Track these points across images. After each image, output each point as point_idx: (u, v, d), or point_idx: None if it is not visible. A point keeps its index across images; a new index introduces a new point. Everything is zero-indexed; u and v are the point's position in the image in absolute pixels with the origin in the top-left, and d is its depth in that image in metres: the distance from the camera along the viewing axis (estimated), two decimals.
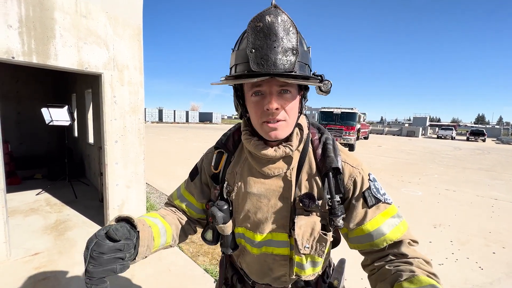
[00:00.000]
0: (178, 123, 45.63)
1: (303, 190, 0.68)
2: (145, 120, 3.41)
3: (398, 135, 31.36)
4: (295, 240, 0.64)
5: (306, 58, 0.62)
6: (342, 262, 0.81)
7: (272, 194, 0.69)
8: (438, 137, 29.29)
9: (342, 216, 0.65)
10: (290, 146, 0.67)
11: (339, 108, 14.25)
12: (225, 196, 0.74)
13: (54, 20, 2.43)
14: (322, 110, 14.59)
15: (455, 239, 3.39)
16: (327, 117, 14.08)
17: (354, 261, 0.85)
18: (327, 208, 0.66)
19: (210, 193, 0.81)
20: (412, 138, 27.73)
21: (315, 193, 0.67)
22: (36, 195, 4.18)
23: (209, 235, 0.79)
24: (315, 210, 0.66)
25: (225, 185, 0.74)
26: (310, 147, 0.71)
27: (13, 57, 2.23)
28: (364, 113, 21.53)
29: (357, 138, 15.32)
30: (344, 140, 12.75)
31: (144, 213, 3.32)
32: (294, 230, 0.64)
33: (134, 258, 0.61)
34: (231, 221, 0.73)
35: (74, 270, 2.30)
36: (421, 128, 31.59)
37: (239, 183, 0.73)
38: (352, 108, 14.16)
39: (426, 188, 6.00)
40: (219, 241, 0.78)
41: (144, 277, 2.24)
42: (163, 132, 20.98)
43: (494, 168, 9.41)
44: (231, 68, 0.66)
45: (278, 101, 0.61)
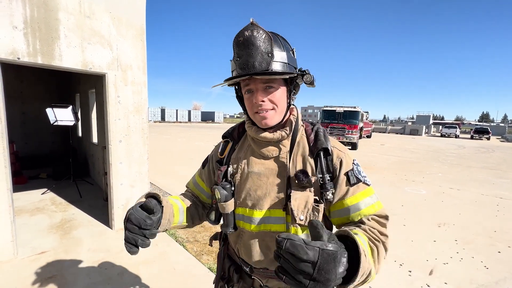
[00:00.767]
0: (180, 122, 45.75)
1: (298, 169, 0.78)
2: (148, 120, 3.45)
3: (401, 134, 31.16)
4: (291, 211, 0.73)
5: (284, 58, 0.74)
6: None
7: (270, 173, 0.80)
8: (441, 136, 29.05)
9: (332, 190, 0.75)
10: (285, 131, 0.80)
11: (342, 106, 14.18)
12: (229, 177, 0.85)
13: (58, 21, 2.44)
14: (325, 108, 14.54)
15: (460, 238, 3.37)
16: (329, 115, 14.03)
17: None
18: (319, 184, 0.76)
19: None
20: (416, 136, 27.54)
21: (308, 171, 0.77)
22: (42, 194, 4.22)
23: (212, 215, 0.89)
24: (308, 186, 0.75)
25: (230, 168, 0.85)
26: (304, 134, 0.84)
27: (18, 58, 2.25)
28: (367, 112, 21.42)
29: (360, 137, 15.26)
30: (346, 139, 12.68)
31: None
32: (290, 202, 0.74)
33: (157, 228, 0.76)
34: (232, 200, 0.82)
35: (80, 268, 2.32)
36: (424, 127, 31.36)
37: (243, 165, 0.84)
38: (354, 107, 14.10)
39: (430, 187, 5.96)
40: (221, 222, 0.87)
41: (149, 276, 2.26)
42: (165, 132, 21.06)
43: (499, 166, 9.32)
44: (231, 73, 0.80)
45: (264, 95, 0.75)
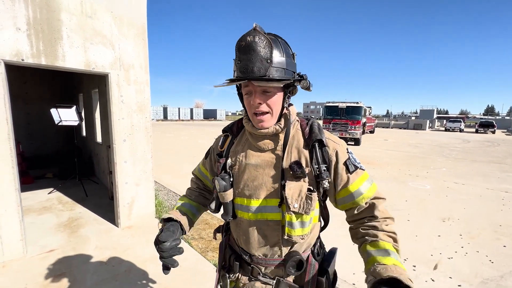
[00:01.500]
0: (182, 120, 45.87)
1: (292, 160, 0.83)
2: (150, 118, 3.46)
3: (404, 129, 30.91)
4: (286, 199, 0.78)
5: (283, 64, 0.78)
6: (334, 249, 0.95)
7: (266, 164, 0.85)
8: (446, 130, 28.76)
9: (328, 179, 0.81)
10: (279, 125, 0.85)
11: (344, 102, 14.09)
12: (227, 169, 0.90)
13: (60, 22, 2.46)
14: (327, 104, 14.46)
15: (465, 232, 3.36)
16: (332, 111, 13.95)
17: (349, 255, 0.86)
18: (315, 174, 0.81)
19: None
20: (419, 131, 27.30)
21: (303, 162, 0.82)
22: (48, 193, 4.29)
23: (213, 204, 0.93)
24: (302, 176, 0.80)
25: (228, 160, 0.91)
26: (299, 129, 0.89)
27: (22, 60, 2.27)
28: (370, 107, 21.24)
29: (363, 132, 15.17)
30: (349, 135, 12.62)
31: (153, 209, 3.40)
32: (284, 191, 0.79)
33: (185, 233, 0.96)
34: (231, 190, 0.88)
35: (88, 266, 2.37)
36: (428, 121, 31.04)
37: (240, 158, 0.90)
38: (357, 102, 13.98)
39: (434, 181, 5.93)
40: (222, 211, 0.93)
41: (156, 272, 2.29)
42: (168, 130, 21.15)
43: (504, 160, 9.23)
44: (233, 73, 0.84)
45: (261, 97, 0.79)
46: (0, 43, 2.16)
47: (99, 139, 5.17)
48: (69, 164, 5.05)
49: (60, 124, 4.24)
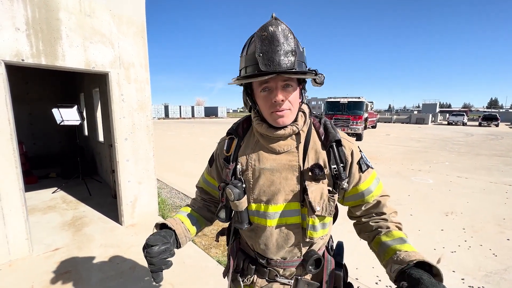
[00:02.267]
0: (184, 118, 45.90)
1: (311, 162, 0.80)
2: (152, 117, 3.46)
3: (407, 123, 30.72)
4: (309, 203, 0.75)
5: (302, 57, 0.74)
6: (340, 242, 0.96)
7: (283, 168, 0.80)
8: (448, 124, 28.55)
9: (347, 179, 0.80)
10: (296, 125, 0.80)
11: (346, 97, 14.00)
12: (238, 175, 0.84)
13: (59, 21, 2.45)
14: (328, 100, 14.38)
15: (468, 226, 3.35)
16: (333, 107, 13.87)
17: (365, 251, 0.87)
18: (333, 174, 0.80)
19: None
20: (422, 125, 27.12)
21: (321, 163, 0.80)
22: (52, 193, 4.32)
23: (222, 214, 0.89)
24: (323, 178, 0.78)
25: (238, 166, 0.84)
26: (313, 128, 0.85)
27: (23, 60, 2.27)
28: (372, 102, 21.10)
29: (365, 128, 15.08)
30: (351, 130, 12.56)
31: (156, 207, 3.41)
32: (307, 195, 0.75)
33: (180, 246, 0.86)
34: (245, 197, 0.82)
35: (93, 264, 2.39)
36: (430, 115, 30.80)
37: (253, 162, 0.83)
38: (359, 97, 13.89)
39: (437, 176, 5.90)
40: (233, 219, 0.89)
41: None
42: (170, 128, 21.18)
43: (508, 153, 9.15)
44: (240, 70, 0.79)
45: (283, 93, 0.74)
46: None
47: (101, 138, 5.19)
48: (72, 163, 5.08)
49: (62, 124, 4.25)
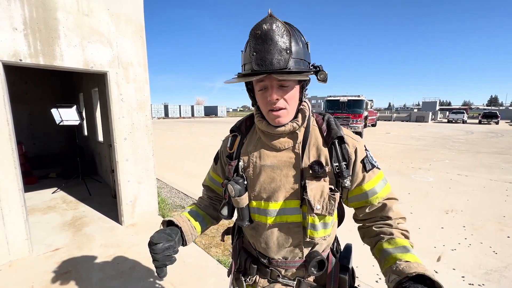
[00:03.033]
0: (184, 117, 45.88)
1: (311, 159, 0.78)
2: (151, 116, 3.45)
3: (407, 121, 30.69)
4: (308, 201, 0.73)
5: (301, 54, 0.72)
6: (349, 245, 0.92)
7: (283, 165, 0.80)
8: (448, 122, 28.52)
9: (349, 177, 0.77)
10: (296, 122, 0.79)
11: (346, 96, 13.98)
12: (240, 172, 0.84)
13: (57, 20, 2.44)
14: (328, 98, 14.37)
15: (468, 224, 3.35)
16: (333, 105, 13.86)
17: (365, 250, 0.86)
18: (335, 172, 0.77)
19: None
20: (422, 123, 27.09)
21: (322, 161, 0.78)
22: (52, 193, 4.32)
23: (225, 211, 0.88)
24: (323, 176, 0.76)
25: (240, 163, 0.84)
26: (316, 124, 0.83)
27: (20, 60, 2.26)
28: (371, 100, 21.08)
29: (365, 126, 15.07)
30: (351, 129, 12.54)
31: (156, 206, 3.41)
32: (306, 192, 0.74)
33: (186, 244, 0.86)
34: (246, 194, 0.82)
35: (94, 264, 2.39)
36: (430, 113, 30.77)
37: (254, 159, 0.83)
38: (358, 95, 13.87)
39: (437, 174, 5.90)
40: (235, 216, 0.89)
41: None
42: (170, 128, 21.17)
43: (508, 151, 9.14)
44: (242, 66, 0.78)
45: (278, 93, 0.73)
46: None
47: (100, 138, 5.19)
48: (72, 163, 5.08)
49: (61, 124, 4.25)
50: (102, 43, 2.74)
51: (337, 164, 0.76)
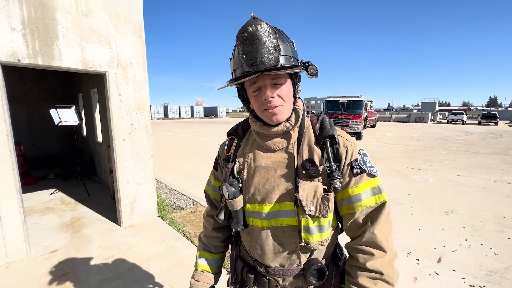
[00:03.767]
0: (183, 118, 45.86)
1: (304, 159, 0.77)
2: (151, 117, 3.43)
3: (406, 122, 30.73)
4: (300, 201, 0.72)
5: (289, 51, 0.73)
6: None
7: (277, 165, 0.79)
8: (448, 122, 28.57)
9: (340, 179, 0.73)
10: (290, 122, 0.78)
11: (345, 96, 14.00)
12: (235, 174, 0.83)
13: (56, 21, 2.42)
14: (328, 99, 14.38)
15: (468, 225, 3.34)
16: (333, 106, 13.87)
17: None
18: (327, 173, 0.75)
19: None
20: (421, 124, 27.13)
21: (316, 160, 0.76)
22: (51, 194, 4.30)
23: (222, 215, 0.87)
24: (316, 175, 0.74)
25: (236, 165, 0.84)
26: (310, 125, 0.83)
27: (19, 60, 2.25)
28: (371, 101, 21.11)
29: (364, 127, 15.09)
30: (351, 129, 12.55)
31: (155, 207, 3.39)
32: (298, 193, 0.72)
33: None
34: (241, 196, 0.81)
35: (92, 265, 2.38)
36: (430, 114, 30.84)
37: (249, 160, 0.83)
38: (358, 96, 13.88)
39: (437, 174, 5.89)
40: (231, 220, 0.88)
41: (159, 271, 2.30)
42: (169, 128, 21.15)
43: (507, 151, 9.15)
44: (232, 73, 0.78)
45: (273, 90, 0.73)
46: None
47: (99, 138, 5.17)
48: (71, 164, 5.06)
49: (60, 124, 4.23)
50: (101, 43, 2.73)
51: (328, 164, 0.74)
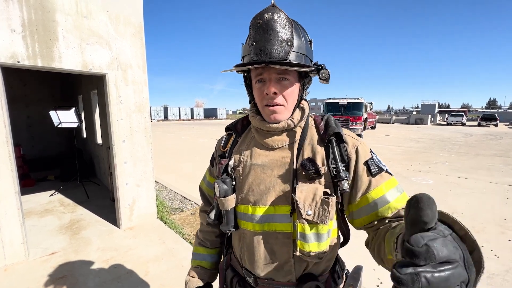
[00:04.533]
0: (183, 120, 45.89)
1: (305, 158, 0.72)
2: (151, 119, 3.44)
3: (406, 124, 30.75)
4: (296, 203, 0.64)
5: (303, 49, 0.68)
6: (358, 268, 0.73)
7: (275, 165, 0.73)
8: (447, 124, 28.60)
9: (347, 180, 0.66)
10: (292, 119, 0.73)
11: (345, 98, 14.03)
12: (229, 171, 0.78)
13: (56, 22, 2.43)
14: (328, 101, 14.41)
15: (469, 227, 3.31)
16: (333, 108, 13.91)
17: (366, 252, 0.83)
18: (332, 174, 0.68)
19: None
20: (421, 126, 27.15)
21: (318, 161, 0.69)
22: (50, 196, 4.29)
23: (212, 214, 0.82)
24: (317, 177, 0.68)
25: (231, 162, 0.78)
26: (313, 124, 0.78)
27: (18, 62, 2.25)
28: (371, 102, 21.15)
29: (364, 128, 15.11)
30: (351, 131, 12.58)
31: (154, 209, 3.38)
32: (295, 194, 0.65)
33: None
34: (233, 195, 0.75)
35: (90, 268, 2.36)
36: (430, 116, 30.86)
37: (245, 158, 0.77)
38: (358, 98, 13.92)
39: (437, 176, 5.88)
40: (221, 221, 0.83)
41: (158, 273, 2.28)
42: (169, 130, 21.15)
43: (507, 153, 9.14)
44: (242, 59, 0.74)
45: (276, 86, 0.69)
46: None
47: (99, 140, 5.16)
48: (70, 166, 5.05)
49: (59, 126, 4.23)
50: (101, 45, 2.73)
51: (334, 165, 0.67)
